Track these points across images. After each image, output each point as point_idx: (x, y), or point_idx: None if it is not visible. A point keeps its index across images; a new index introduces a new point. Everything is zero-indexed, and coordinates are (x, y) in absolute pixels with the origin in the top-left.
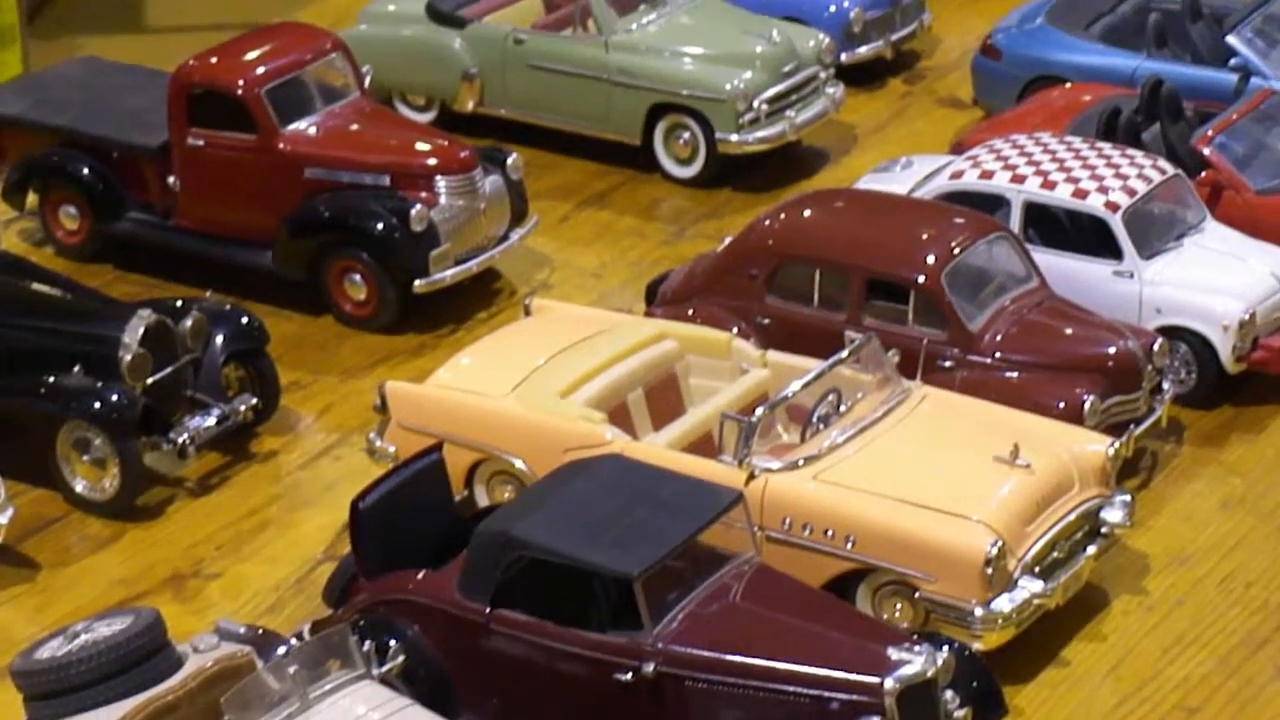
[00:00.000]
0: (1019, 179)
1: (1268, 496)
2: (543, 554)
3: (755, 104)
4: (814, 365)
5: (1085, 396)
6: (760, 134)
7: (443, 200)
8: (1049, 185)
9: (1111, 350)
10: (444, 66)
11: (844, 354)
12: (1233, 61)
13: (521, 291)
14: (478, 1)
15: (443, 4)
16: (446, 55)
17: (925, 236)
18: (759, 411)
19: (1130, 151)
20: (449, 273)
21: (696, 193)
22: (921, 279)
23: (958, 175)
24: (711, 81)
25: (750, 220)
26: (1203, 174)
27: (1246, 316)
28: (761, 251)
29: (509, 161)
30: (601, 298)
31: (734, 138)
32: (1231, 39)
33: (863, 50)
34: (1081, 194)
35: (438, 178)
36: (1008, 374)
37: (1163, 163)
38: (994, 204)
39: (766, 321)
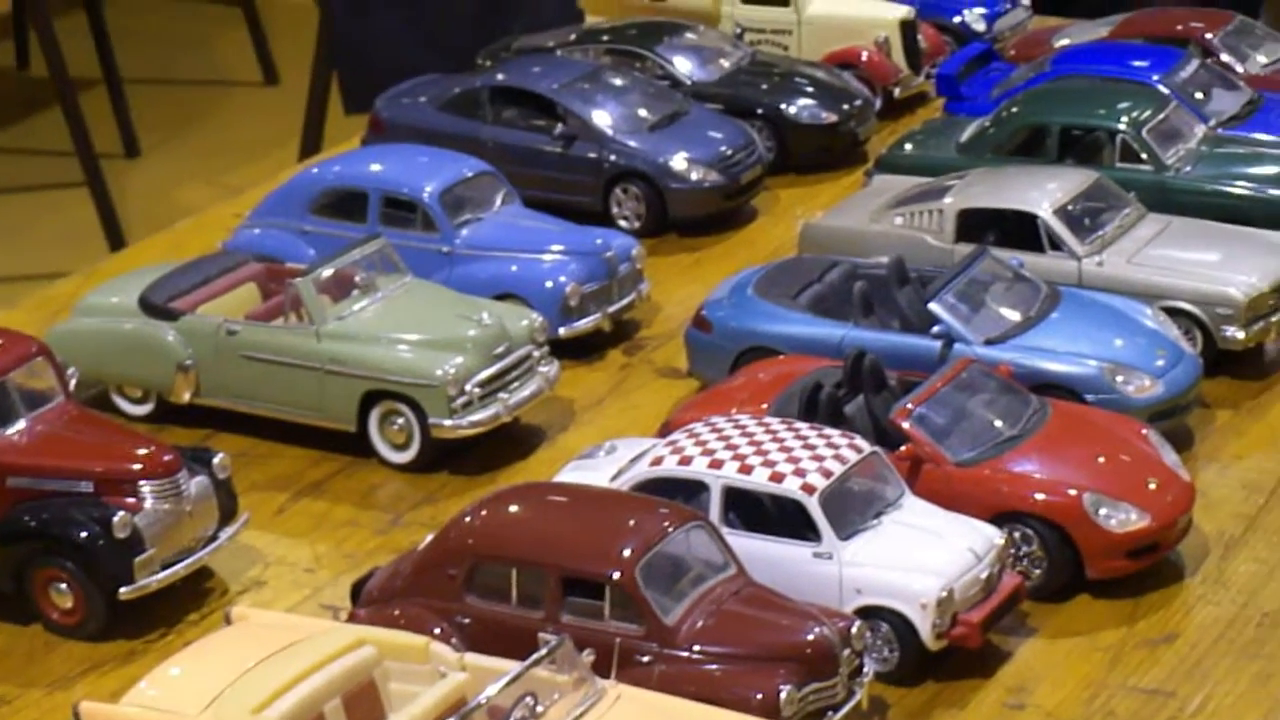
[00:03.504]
0: (717, 464)
1: None
2: None
3: (467, 388)
4: (512, 667)
5: (782, 687)
6: (474, 417)
7: (148, 505)
8: (746, 469)
9: (808, 638)
10: (158, 359)
11: (537, 656)
12: (935, 328)
13: (234, 590)
14: (192, 293)
15: (155, 296)
16: (160, 348)
17: (619, 531)
18: None
19: (827, 431)
20: (155, 578)
21: (414, 478)
22: (616, 575)
23: (657, 462)
24: (422, 368)
25: (449, 518)
26: (903, 447)
27: (944, 594)
28: (459, 551)
29: (215, 461)
30: (315, 593)
31: (447, 422)
32: (933, 306)
33: (580, 324)
34: (778, 477)
35: (141, 483)
36: (706, 667)
37: (859, 441)
38: (694, 490)
39: (467, 621)
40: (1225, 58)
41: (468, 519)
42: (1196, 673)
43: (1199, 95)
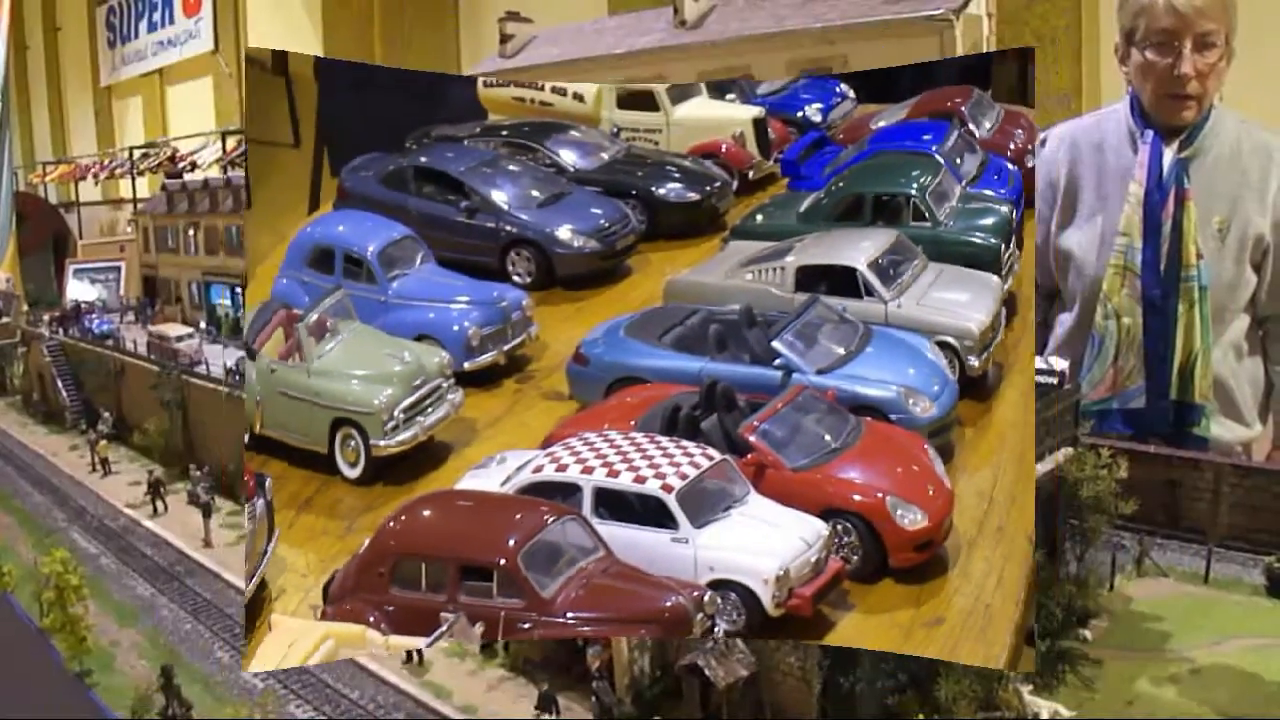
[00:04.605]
0: (588, 470)
1: None
2: None
3: (395, 413)
4: (421, 643)
5: None
6: (400, 437)
7: None
8: (614, 474)
9: (666, 604)
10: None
11: (439, 633)
12: (778, 361)
13: (273, 596)
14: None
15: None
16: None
17: (505, 526)
18: None
19: (684, 443)
20: None
21: (359, 490)
22: (502, 561)
23: (538, 469)
24: (367, 398)
25: (379, 523)
26: (749, 455)
27: (782, 572)
28: (385, 550)
29: (267, 483)
30: (307, 595)
31: (383, 442)
32: (776, 343)
33: (481, 359)
34: (641, 479)
35: None
36: (579, 629)
37: (711, 451)
38: (570, 491)
39: (392, 609)
40: (971, 126)
41: (390, 524)
42: (957, 655)
43: (958, 160)
